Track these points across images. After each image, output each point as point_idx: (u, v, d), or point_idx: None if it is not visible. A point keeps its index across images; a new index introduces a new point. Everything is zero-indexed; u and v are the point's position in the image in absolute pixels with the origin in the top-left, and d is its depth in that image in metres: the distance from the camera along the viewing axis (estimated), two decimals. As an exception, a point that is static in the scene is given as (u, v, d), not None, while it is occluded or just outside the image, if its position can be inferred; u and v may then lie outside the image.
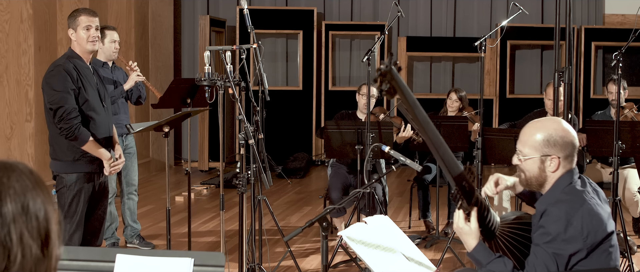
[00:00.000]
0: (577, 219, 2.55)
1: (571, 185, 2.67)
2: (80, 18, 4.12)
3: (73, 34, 4.14)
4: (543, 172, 2.69)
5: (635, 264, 5.19)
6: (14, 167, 1.25)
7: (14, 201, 1.21)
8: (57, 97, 3.99)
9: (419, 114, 2.25)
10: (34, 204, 1.23)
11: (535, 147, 2.68)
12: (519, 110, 8.64)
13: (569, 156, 2.68)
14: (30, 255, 1.21)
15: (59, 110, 3.98)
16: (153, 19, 9.69)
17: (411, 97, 2.19)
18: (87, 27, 4.12)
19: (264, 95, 4.47)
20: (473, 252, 2.68)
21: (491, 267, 2.64)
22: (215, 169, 9.99)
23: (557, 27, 3.97)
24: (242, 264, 4.18)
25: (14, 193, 1.22)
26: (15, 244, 1.19)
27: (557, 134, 2.67)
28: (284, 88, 10.61)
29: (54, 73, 4.05)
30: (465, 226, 2.68)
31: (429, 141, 2.34)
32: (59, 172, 4.09)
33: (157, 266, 2.14)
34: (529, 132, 2.72)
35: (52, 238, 1.24)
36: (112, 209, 5.46)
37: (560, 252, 2.54)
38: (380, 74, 2.05)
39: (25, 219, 1.21)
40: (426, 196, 6.25)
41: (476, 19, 10.86)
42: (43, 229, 1.23)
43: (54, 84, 4.02)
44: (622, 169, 5.90)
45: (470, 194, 2.60)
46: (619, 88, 5.05)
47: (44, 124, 7.41)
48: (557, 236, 2.55)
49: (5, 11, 7.04)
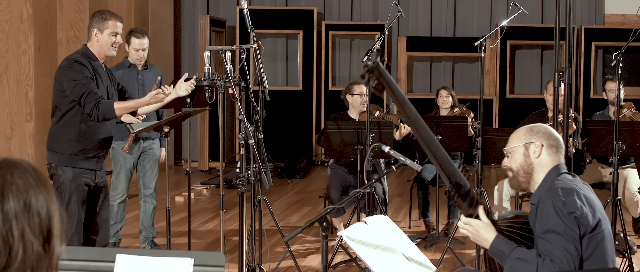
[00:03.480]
0: (572, 198, 2.63)
1: (561, 176, 2.77)
2: (110, 22, 4.10)
3: (97, 35, 4.10)
4: (528, 158, 2.81)
5: (635, 264, 5.19)
6: (18, 164, 1.26)
7: (16, 197, 1.22)
8: (78, 87, 3.96)
9: (409, 110, 2.24)
10: (36, 201, 1.24)
11: (519, 138, 2.86)
12: (519, 110, 8.65)
13: (552, 145, 2.80)
14: (32, 251, 1.22)
15: (82, 97, 3.96)
16: (153, 19, 9.69)
17: (400, 93, 2.19)
18: (114, 33, 4.10)
19: (264, 95, 4.47)
20: (494, 243, 2.69)
21: (516, 255, 2.64)
22: (215, 169, 9.99)
23: (557, 27, 3.96)
24: (242, 264, 4.18)
25: (17, 190, 1.23)
26: (16, 240, 1.20)
27: (541, 127, 2.86)
28: (284, 88, 10.62)
29: (70, 65, 4.02)
30: (480, 222, 2.70)
31: (420, 137, 2.34)
32: (55, 163, 4.08)
33: (157, 266, 2.14)
34: (514, 132, 2.91)
35: (53, 235, 1.26)
36: (120, 210, 5.46)
37: (570, 232, 2.58)
38: (368, 70, 2.04)
39: (27, 215, 1.22)
40: (426, 195, 6.25)
41: (476, 19, 10.86)
42: (45, 226, 1.24)
43: (72, 74, 3.99)
44: (622, 169, 5.89)
45: (465, 193, 2.61)
46: (619, 87, 5.05)
47: (44, 124, 7.43)
48: (559, 214, 2.60)
49: (5, 11, 7.04)
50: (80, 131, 4.06)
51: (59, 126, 4.09)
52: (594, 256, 2.63)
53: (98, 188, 4.21)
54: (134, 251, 2.18)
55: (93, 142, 4.10)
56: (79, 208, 4.06)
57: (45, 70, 7.41)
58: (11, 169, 1.25)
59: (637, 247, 5.73)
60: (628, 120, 5.91)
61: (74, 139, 4.05)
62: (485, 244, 2.73)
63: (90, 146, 4.10)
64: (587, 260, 2.63)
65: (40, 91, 7.35)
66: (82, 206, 4.08)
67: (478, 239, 2.74)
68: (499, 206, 5.73)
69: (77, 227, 4.06)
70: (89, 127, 4.07)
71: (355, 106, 5.97)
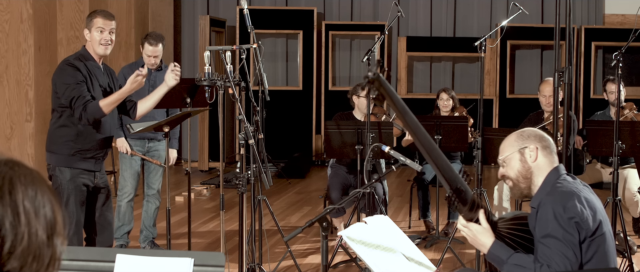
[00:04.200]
0: (572, 203, 2.61)
1: (561, 178, 2.75)
2: (96, 20, 4.12)
3: (88, 35, 4.13)
4: (525, 163, 2.78)
5: (635, 264, 5.19)
6: (21, 163, 1.31)
7: (24, 186, 1.27)
8: (69, 91, 3.98)
9: (410, 120, 2.26)
10: (42, 196, 1.29)
11: (511, 145, 2.83)
12: (519, 110, 8.64)
13: (546, 147, 2.79)
14: (36, 238, 1.26)
15: (71, 102, 3.98)
16: (153, 19, 9.69)
17: (400, 103, 2.20)
18: (100, 29, 4.11)
19: (264, 95, 4.47)
20: (491, 249, 2.69)
21: (514, 261, 2.64)
22: (215, 169, 9.99)
23: (557, 27, 3.96)
24: (242, 264, 4.18)
25: (25, 181, 1.28)
26: (23, 224, 1.24)
27: (530, 130, 2.85)
28: (284, 88, 10.62)
29: (63, 69, 4.06)
30: (479, 227, 2.69)
31: (421, 145, 2.35)
32: (53, 164, 4.08)
33: (157, 266, 2.14)
34: (504, 141, 2.88)
35: (56, 232, 1.29)
36: (128, 211, 5.46)
37: (569, 237, 2.57)
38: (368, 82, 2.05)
39: (34, 206, 1.27)
40: (426, 195, 6.25)
41: (476, 19, 10.86)
42: (51, 219, 1.29)
43: (64, 78, 4.02)
44: (622, 169, 5.89)
45: (465, 198, 2.61)
46: (619, 87, 5.05)
47: (44, 124, 7.43)
48: (558, 219, 2.59)
49: (5, 11, 7.04)
50: (77, 132, 4.06)
51: (56, 127, 4.10)
52: (595, 258, 2.63)
53: (97, 189, 4.20)
54: (134, 251, 2.18)
55: (91, 143, 4.10)
56: (78, 209, 4.06)
57: (45, 70, 7.41)
58: (17, 165, 1.30)
59: (637, 247, 5.73)
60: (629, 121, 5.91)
61: (71, 139, 4.06)
62: (482, 249, 2.72)
63: (88, 146, 4.10)
64: (588, 263, 2.62)
65: (40, 91, 7.35)
66: (81, 206, 4.08)
67: (476, 244, 2.74)
68: (499, 206, 5.73)
69: (77, 227, 4.06)
70: (86, 128, 4.07)
71: (360, 108, 5.95)
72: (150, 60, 5.45)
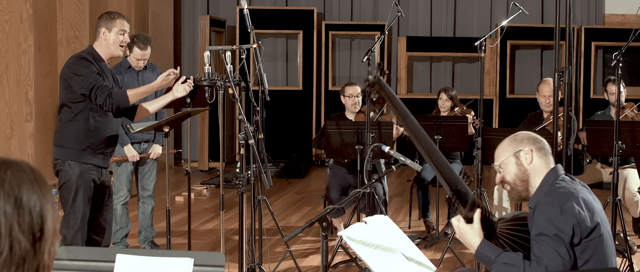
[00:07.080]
0: (569, 204, 2.61)
1: (559, 178, 2.75)
2: (118, 21, 4.12)
3: (105, 33, 4.11)
4: (521, 166, 2.79)
5: (635, 264, 5.19)
6: (13, 162, 1.27)
7: (7, 194, 1.23)
8: (86, 81, 3.99)
9: (410, 123, 2.26)
10: (28, 199, 1.24)
11: (506, 150, 2.83)
12: (519, 110, 8.64)
13: (541, 148, 2.79)
14: (19, 249, 1.22)
15: (92, 90, 3.98)
16: (153, 19, 9.69)
17: (401, 106, 2.21)
18: (122, 31, 4.12)
19: (264, 95, 4.47)
20: (479, 249, 2.68)
21: (502, 260, 2.64)
22: (215, 169, 9.99)
23: (557, 27, 3.96)
24: (242, 264, 4.18)
25: (8, 187, 1.23)
26: (3, 236, 1.19)
27: (523, 133, 2.86)
28: (284, 88, 10.62)
29: (77, 62, 4.05)
30: (466, 226, 2.69)
31: (421, 148, 2.35)
32: (62, 159, 4.08)
33: (157, 266, 2.14)
34: (498, 147, 2.89)
35: (45, 235, 1.25)
36: (124, 213, 5.45)
37: (562, 236, 2.57)
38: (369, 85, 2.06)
39: (17, 213, 1.22)
40: (426, 195, 6.25)
41: (476, 19, 10.86)
42: (36, 225, 1.24)
43: (79, 70, 4.02)
44: (622, 169, 5.89)
45: (465, 200, 2.61)
46: (619, 88, 5.05)
47: (44, 124, 7.43)
48: (553, 218, 2.58)
49: (5, 11, 7.04)
50: (88, 127, 4.08)
51: (67, 122, 4.10)
52: (593, 259, 2.62)
53: (103, 186, 4.22)
54: (134, 251, 2.18)
55: (101, 138, 4.13)
56: (85, 204, 4.07)
57: (45, 70, 7.41)
58: (5, 167, 1.26)
59: (637, 247, 5.73)
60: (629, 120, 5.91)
61: (82, 134, 4.07)
62: (471, 248, 2.72)
63: (98, 141, 4.12)
64: (586, 264, 2.62)
65: (40, 91, 7.35)
66: (88, 202, 4.09)
67: (465, 243, 2.74)
68: (498, 206, 5.73)
69: (82, 223, 4.07)
70: (97, 123, 4.09)
71: (348, 107, 6.00)
72: (139, 64, 5.43)
